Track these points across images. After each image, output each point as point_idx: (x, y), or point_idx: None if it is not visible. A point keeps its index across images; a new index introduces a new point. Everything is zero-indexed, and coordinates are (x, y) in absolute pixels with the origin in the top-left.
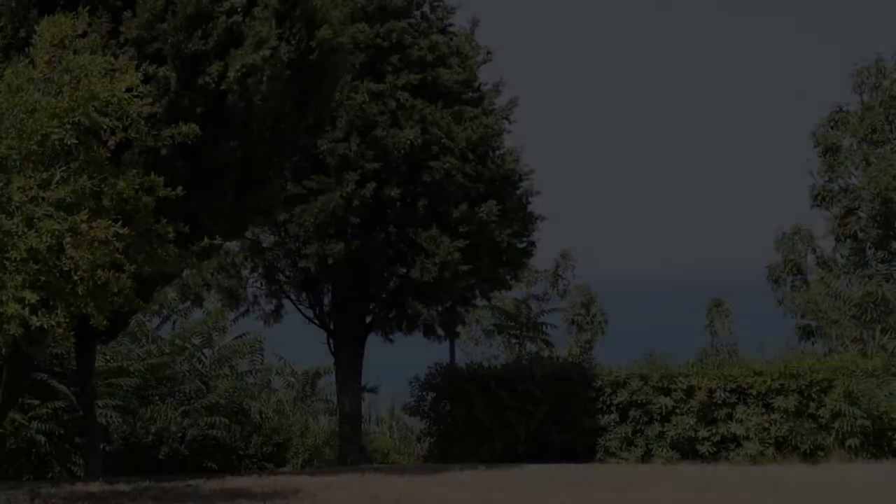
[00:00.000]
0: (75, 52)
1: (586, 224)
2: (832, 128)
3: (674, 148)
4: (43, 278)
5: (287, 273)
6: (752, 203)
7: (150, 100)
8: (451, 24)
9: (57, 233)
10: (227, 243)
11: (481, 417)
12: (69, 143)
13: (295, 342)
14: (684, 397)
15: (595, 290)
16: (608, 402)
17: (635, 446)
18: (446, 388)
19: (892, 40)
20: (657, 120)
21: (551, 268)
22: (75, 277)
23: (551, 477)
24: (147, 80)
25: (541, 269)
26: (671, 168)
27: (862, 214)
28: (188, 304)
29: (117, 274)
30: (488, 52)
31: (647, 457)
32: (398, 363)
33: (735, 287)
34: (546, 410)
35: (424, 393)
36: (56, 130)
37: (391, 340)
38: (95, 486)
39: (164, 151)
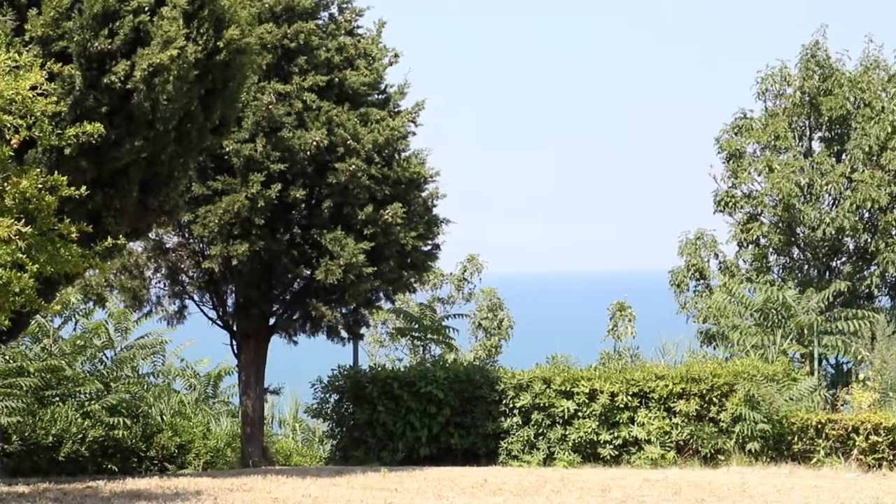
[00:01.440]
0: None
1: (493, 227)
2: (736, 134)
3: (583, 150)
4: None
5: (190, 274)
6: (660, 207)
7: (55, 98)
8: (358, 27)
9: None
10: (131, 243)
11: (384, 420)
12: None
13: (198, 343)
14: (587, 401)
15: (501, 294)
16: (511, 406)
17: (538, 449)
18: (349, 390)
19: (797, 48)
20: (565, 123)
21: (457, 271)
22: None
23: (453, 479)
24: (52, 78)
25: (447, 272)
26: (580, 172)
27: (764, 220)
28: (91, 304)
29: (19, 273)
30: (395, 55)
31: (549, 460)
32: (302, 365)
33: (639, 291)
34: (449, 413)
35: (327, 395)
36: None
37: (295, 342)
38: None
39: (68, 150)
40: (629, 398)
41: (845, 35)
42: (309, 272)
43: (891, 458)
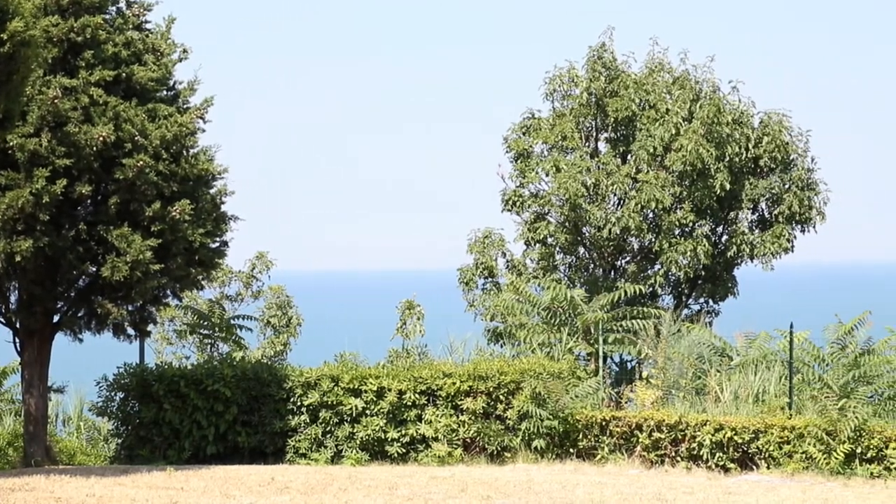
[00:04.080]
0: None
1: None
2: (524, 133)
3: (375, 150)
4: None
5: None
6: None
7: None
8: (147, 22)
9: None
10: None
11: (170, 418)
12: None
13: None
14: (375, 399)
15: (290, 292)
16: (299, 404)
17: (325, 447)
18: (135, 388)
19: (584, 50)
20: (360, 119)
21: (246, 269)
22: None
23: (240, 478)
24: None
25: (236, 269)
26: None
27: (551, 220)
28: None
29: None
30: (185, 51)
31: (337, 458)
32: (88, 363)
33: (428, 289)
34: (236, 411)
35: (112, 393)
36: None
37: (80, 340)
38: None
39: None
40: (417, 396)
41: (631, 37)
42: (95, 269)
43: (673, 454)
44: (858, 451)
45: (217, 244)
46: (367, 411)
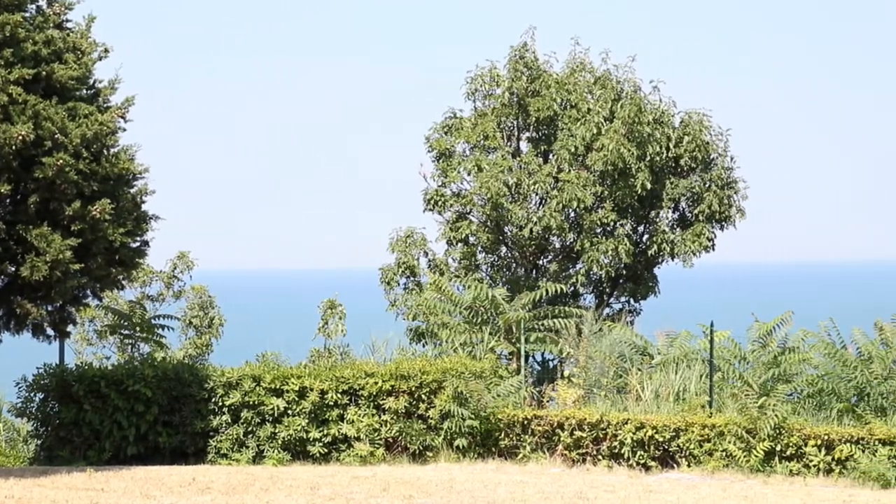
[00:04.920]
0: None
1: (205, 224)
2: (446, 133)
3: (296, 150)
4: None
5: None
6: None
7: None
8: (68, 20)
9: None
10: None
11: (90, 419)
12: None
13: None
14: (297, 398)
15: (212, 292)
16: (220, 404)
17: (247, 447)
18: (55, 388)
19: (506, 49)
20: (281, 122)
21: (168, 269)
22: None
23: (161, 479)
24: None
25: (157, 269)
26: (288, 170)
27: (473, 219)
28: None
29: None
30: (105, 50)
31: (258, 458)
32: (6, 364)
33: (350, 288)
34: (157, 412)
35: (32, 394)
36: None
37: None
38: None
39: None
40: (339, 396)
41: (553, 37)
42: (14, 269)
43: (594, 453)
44: (778, 448)
45: (138, 244)
46: (289, 411)
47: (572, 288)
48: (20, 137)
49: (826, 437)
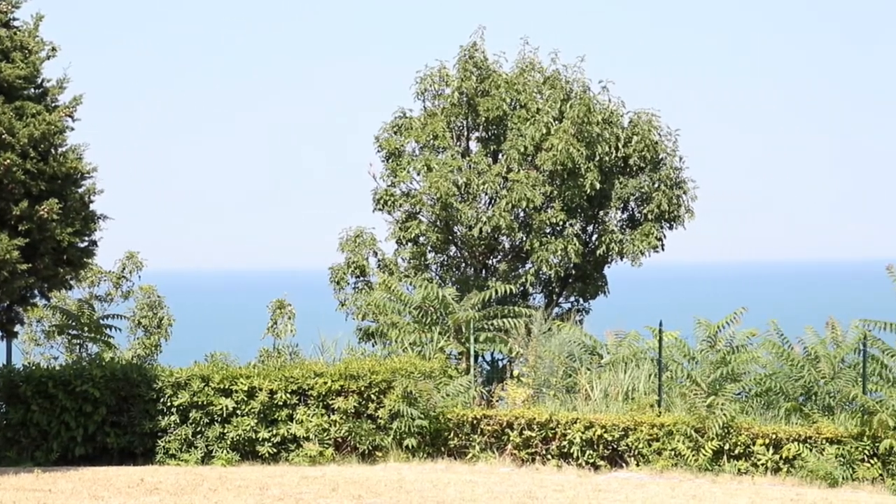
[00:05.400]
0: None
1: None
2: (395, 133)
3: (243, 148)
4: None
5: None
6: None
7: None
8: (15, 19)
9: None
10: None
11: (38, 419)
12: None
13: None
14: (245, 399)
15: (161, 292)
16: (169, 404)
17: (196, 448)
18: (1, 389)
19: (456, 49)
20: (230, 121)
21: (116, 268)
22: None
23: (109, 479)
24: None
25: (106, 269)
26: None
27: (423, 219)
28: None
29: None
30: (53, 49)
31: (207, 458)
32: None
33: (299, 288)
34: (105, 412)
35: None
36: None
37: None
38: None
39: None
40: (288, 396)
41: (502, 37)
42: None
43: (544, 452)
44: (726, 447)
45: (86, 243)
46: (238, 411)
47: (521, 288)
48: None
49: (774, 437)
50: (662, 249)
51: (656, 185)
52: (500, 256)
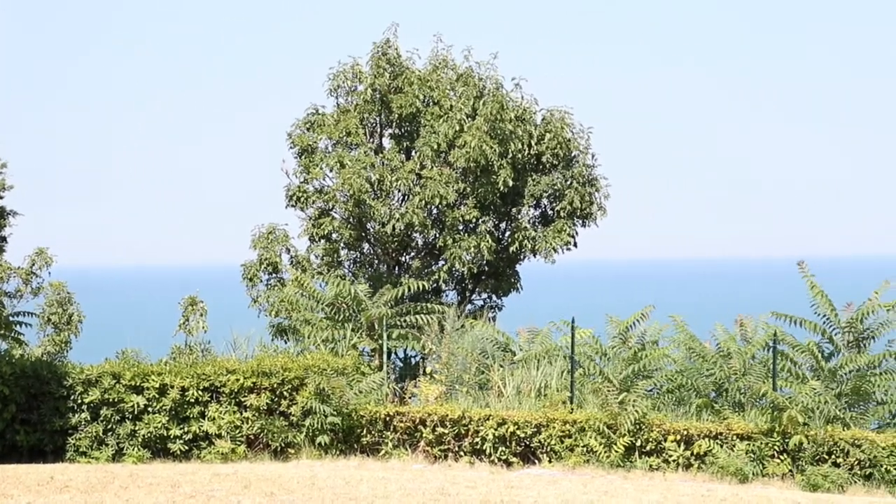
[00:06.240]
0: None
1: (66, 221)
2: (308, 129)
3: (155, 144)
4: None
5: None
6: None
7: None
8: None
9: None
10: None
11: None
12: None
13: None
14: (157, 396)
15: (71, 289)
16: (79, 401)
17: (107, 445)
18: None
19: (369, 45)
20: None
21: (26, 265)
22: None
23: (18, 477)
24: None
25: (15, 265)
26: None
27: (336, 216)
28: None
29: None
30: None
31: (118, 456)
32: None
33: (212, 285)
34: (14, 410)
35: None
36: None
37: None
38: None
39: None
40: (200, 393)
41: (416, 34)
42: None
43: (457, 449)
44: (638, 444)
45: None
46: (150, 408)
47: (434, 284)
48: None
49: (685, 433)
50: (575, 246)
51: (569, 183)
52: (413, 253)
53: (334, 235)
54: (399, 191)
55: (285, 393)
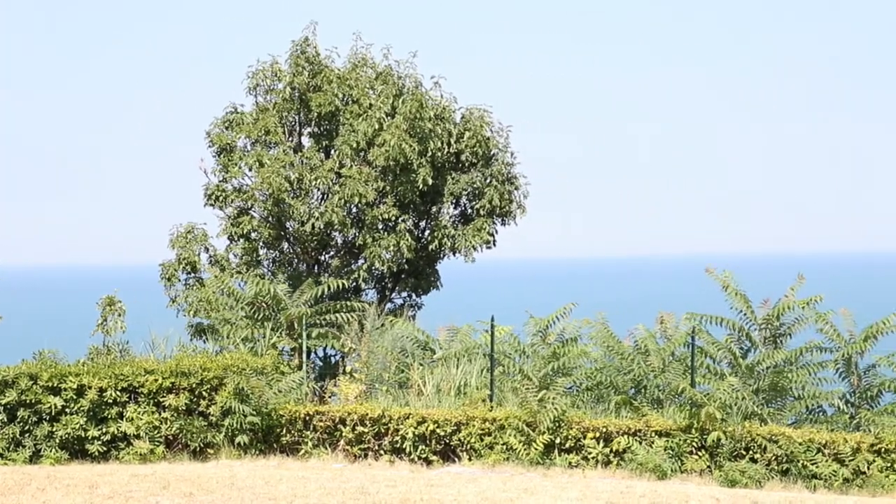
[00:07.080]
0: None
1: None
2: (227, 128)
3: (73, 143)
4: None
5: None
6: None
7: None
8: None
9: None
10: None
11: None
12: None
13: None
14: (75, 396)
15: None
16: None
17: (24, 447)
18: None
19: (288, 44)
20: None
21: None
22: None
23: None
24: None
25: None
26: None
27: (255, 215)
28: None
29: None
30: None
31: (35, 457)
32: None
33: (130, 284)
34: None
35: None
36: None
37: None
38: None
39: None
40: (118, 393)
41: (335, 32)
42: None
43: (377, 448)
44: (558, 441)
45: None
46: (67, 409)
47: (354, 283)
48: None
49: (604, 430)
50: (494, 245)
51: (488, 181)
52: (332, 252)
53: (253, 234)
54: (318, 189)
55: (204, 393)
